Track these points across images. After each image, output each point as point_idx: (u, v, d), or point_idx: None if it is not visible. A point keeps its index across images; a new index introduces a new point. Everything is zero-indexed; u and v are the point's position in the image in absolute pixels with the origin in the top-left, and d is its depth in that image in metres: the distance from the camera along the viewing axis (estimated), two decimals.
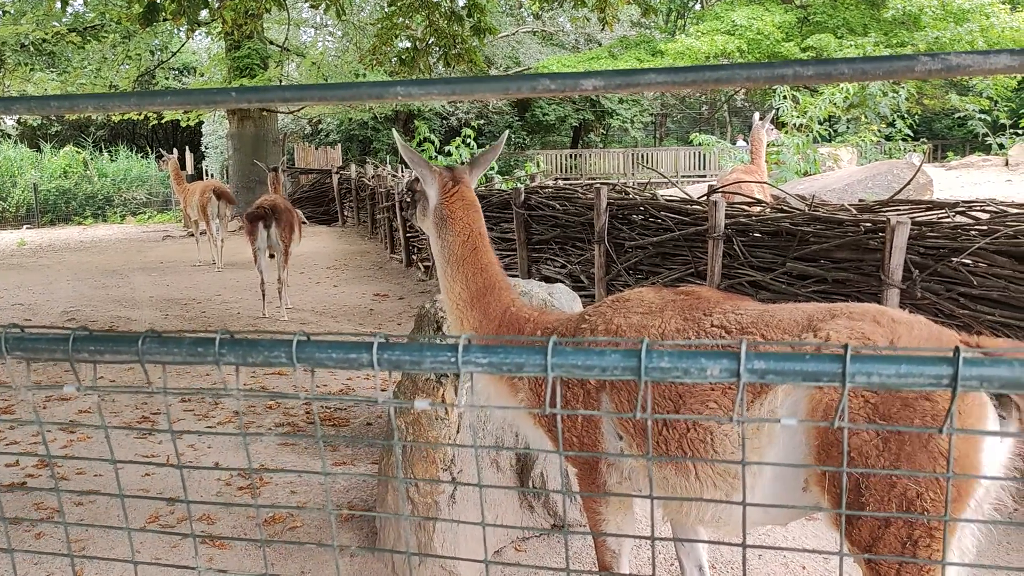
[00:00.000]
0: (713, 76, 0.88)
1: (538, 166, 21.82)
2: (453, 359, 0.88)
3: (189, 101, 1.18)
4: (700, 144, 19.36)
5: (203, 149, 36.16)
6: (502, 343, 1.03)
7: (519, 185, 11.11)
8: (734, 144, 24.25)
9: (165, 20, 12.79)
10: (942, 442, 2.23)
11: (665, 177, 12.36)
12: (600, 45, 34.95)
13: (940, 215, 6.25)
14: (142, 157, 32.38)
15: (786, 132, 15.40)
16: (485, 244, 3.30)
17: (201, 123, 32.15)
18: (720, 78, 0.89)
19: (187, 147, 28.44)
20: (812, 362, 0.82)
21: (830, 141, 20.05)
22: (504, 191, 10.74)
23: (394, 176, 16.31)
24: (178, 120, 24.71)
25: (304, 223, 12.47)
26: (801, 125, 15.98)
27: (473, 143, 17.59)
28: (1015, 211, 5.82)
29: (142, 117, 25.40)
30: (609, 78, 0.93)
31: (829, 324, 2.50)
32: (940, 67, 0.81)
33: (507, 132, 4.48)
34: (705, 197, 7.79)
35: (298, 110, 24.53)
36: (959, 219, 6.08)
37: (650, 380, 0.85)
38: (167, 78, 27.73)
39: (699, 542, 2.46)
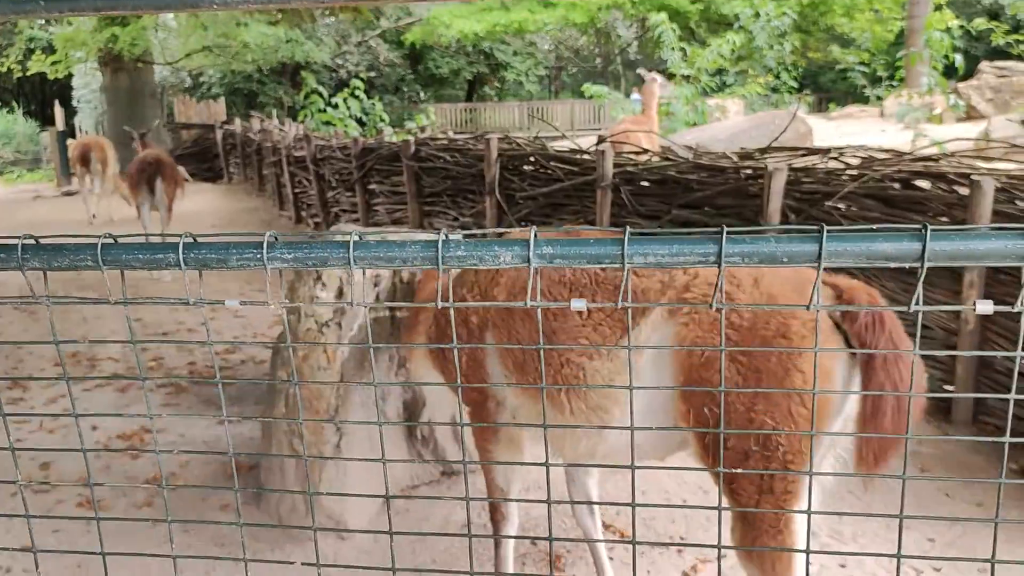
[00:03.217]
0: None
1: (430, 119, 21.53)
2: (259, 256, 0.86)
3: None
4: (592, 96, 19.48)
5: (75, 103, 34.08)
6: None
7: (409, 137, 10.94)
8: (628, 97, 24.50)
9: None
10: (797, 380, 2.35)
11: (558, 130, 12.39)
12: None
13: (814, 161, 6.50)
14: (8, 112, 30.30)
15: (676, 83, 15.66)
16: None
17: (71, 76, 30.19)
18: None
19: (57, 101, 26.72)
20: (595, 246, 0.90)
21: (719, 92, 20.53)
22: (394, 143, 10.55)
23: (281, 130, 15.79)
24: (45, 73, 23.08)
25: (187, 180, 12.01)
26: (690, 77, 16.28)
27: (363, 95, 17.18)
28: (881, 156, 6.10)
29: (5, 69, 23.69)
30: None
31: None
32: None
33: None
34: (594, 147, 7.85)
35: (176, 61, 23.35)
36: (832, 164, 6.33)
37: (449, 268, 0.88)
38: (29, 24, 25.86)
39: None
